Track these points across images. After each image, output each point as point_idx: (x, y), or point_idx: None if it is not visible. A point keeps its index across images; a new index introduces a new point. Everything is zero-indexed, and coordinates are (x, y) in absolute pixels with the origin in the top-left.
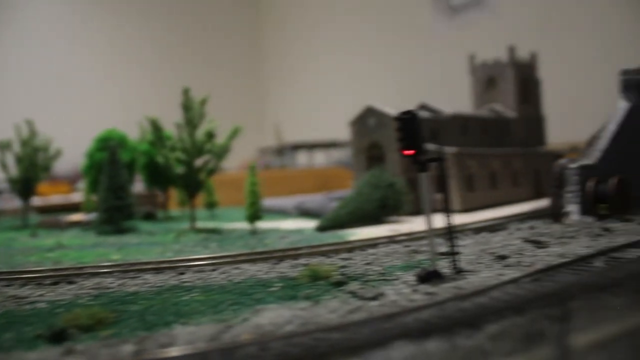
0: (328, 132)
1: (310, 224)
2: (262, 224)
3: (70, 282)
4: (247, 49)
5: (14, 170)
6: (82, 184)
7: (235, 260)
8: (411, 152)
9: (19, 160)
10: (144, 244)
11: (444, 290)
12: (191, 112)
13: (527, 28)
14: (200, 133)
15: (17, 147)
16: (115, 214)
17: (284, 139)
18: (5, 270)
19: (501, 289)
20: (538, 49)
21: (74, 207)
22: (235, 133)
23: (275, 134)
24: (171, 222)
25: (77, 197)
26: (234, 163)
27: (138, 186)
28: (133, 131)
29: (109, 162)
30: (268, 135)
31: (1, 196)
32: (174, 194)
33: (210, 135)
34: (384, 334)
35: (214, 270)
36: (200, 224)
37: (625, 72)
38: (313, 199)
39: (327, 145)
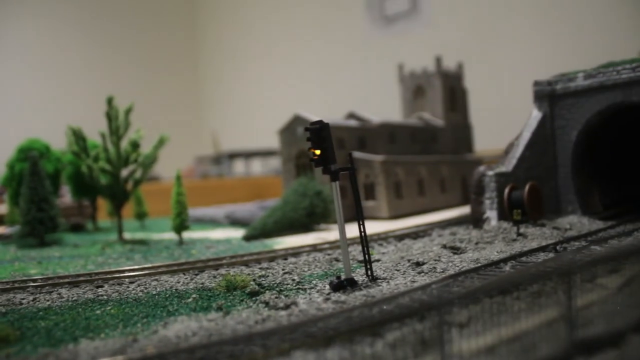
0: (265, 141)
1: (239, 233)
2: (192, 234)
3: None
4: (183, 57)
5: None
6: (4, 196)
7: (156, 272)
8: (321, 161)
9: None
10: (66, 257)
11: (354, 298)
12: (116, 122)
13: (456, 39)
14: (125, 143)
15: None
16: (38, 227)
17: (221, 147)
18: None
19: (410, 295)
20: (467, 59)
21: None
22: (161, 142)
23: (213, 143)
24: (99, 233)
25: (1, 209)
26: (170, 172)
27: (66, 197)
28: (60, 140)
29: (31, 173)
30: (205, 144)
31: None
32: (104, 205)
33: (135, 145)
34: (286, 344)
35: (132, 282)
36: (128, 235)
37: (537, 83)
38: (243, 208)
39: (263, 153)
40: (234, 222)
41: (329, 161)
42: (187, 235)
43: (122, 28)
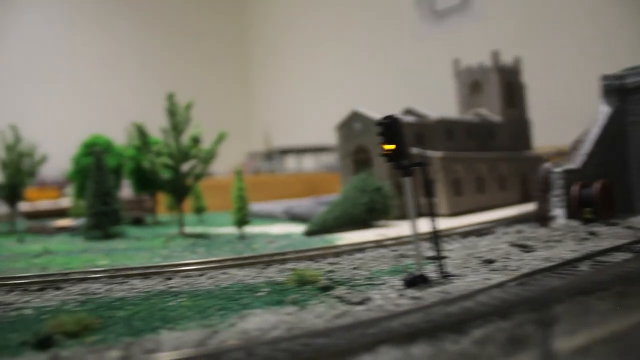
0: (316, 137)
1: (298, 228)
2: (251, 229)
3: (57, 288)
4: (235, 53)
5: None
6: (70, 189)
7: (223, 265)
8: (393, 157)
9: (4, 166)
10: (131, 250)
11: (430, 294)
12: (176, 117)
13: (512, 33)
14: (185, 138)
15: (2, 153)
16: (103, 220)
17: (273, 143)
18: None
19: (487, 293)
20: (523, 53)
21: (61, 213)
22: (221, 138)
23: (264, 139)
24: (160, 227)
25: (65, 202)
26: (223, 168)
27: (126, 191)
28: (121, 136)
29: (95, 168)
30: (257, 140)
31: None
32: (163, 199)
33: (195, 141)
34: (369, 339)
35: (201, 275)
36: (188, 229)
37: (606, 78)
38: (301, 204)
39: (315, 149)
40: (293, 217)
41: (401, 156)
42: (246, 230)
43: (178, 29)
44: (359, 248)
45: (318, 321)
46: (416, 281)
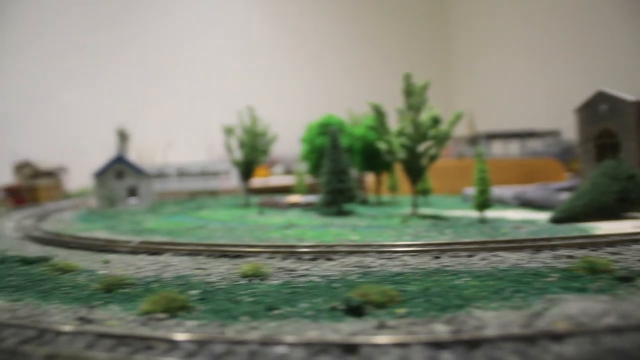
0: (519, 122)
1: (536, 215)
2: (486, 213)
3: (328, 259)
4: (437, 38)
5: (237, 153)
6: (278, 168)
7: (488, 247)
8: None
9: (242, 144)
10: (373, 227)
11: None
12: (414, 98)
13: None
14: (424, 118)
15: (239, 132)
16: (338, 197)
17: (476, 128)
18: (260, 244)
19: None
20: None
21: (285, 190)
22: (457, 119)
23: (468, 123)
24: (384, 207)
25: (288, 179)
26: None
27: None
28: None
29: (331, 147)
30: (460, 125)
31: (221, 176)
32: (385, 180)
33: (436, 121)
34: None
35: (470, 256)
36: (418, 210)
37: None
38: (535, 190)
39: (523, 134)
40: (524, 203)
41: None
42: (484, 214)
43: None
44: (634, 239)
45: None
46: None
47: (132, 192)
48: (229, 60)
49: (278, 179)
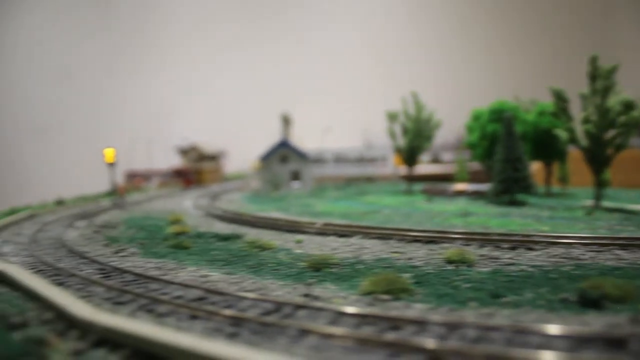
0: None
1: None
2: None
3: (529, 249)
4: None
5: (400, 139)
6: (424, 157)
7: None
8: None
9: (406, 131)
10: (557, 218)
11: None
12: (600, 82)
13: None
14: (612, 103)
15: (402, 118)
16: (512, 186)
17: None
18: (450, 230)
19: None
20: None
21: (441, 178)
22: None
23: None
24: (557, 198)
25: (447, 168)
26: None
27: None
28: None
29: (505, 133)
30: None
31: (378, 162)
32: (555, 170)
33: (629, 107)
34: None
35: None
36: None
37: None
38: None
39: None
40: None
41: None
42: None
43: None
44: None
45: None
46: None
47: (295, 176)
48: (386, 48)
49: (425, 167)
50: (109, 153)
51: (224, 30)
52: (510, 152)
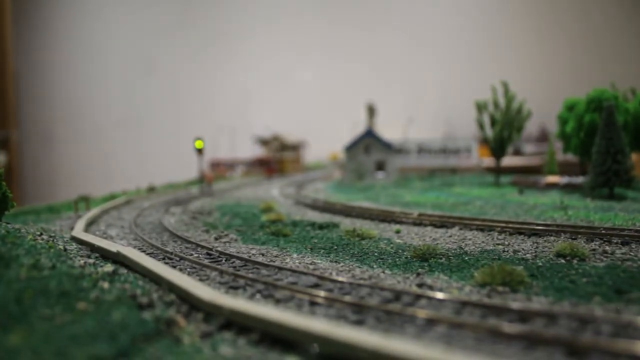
0: None
1: None
2: None
3: None
4: None
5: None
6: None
7: None
8: None
9: (494, 121)
10: None
11: None
12: None
13: None
14: None
15: (491, 108)
16: (612, 178)
17: None
18: (553, 223)
19: None
20: None
21: (525, 170)
22: None
23: None
24: None
25: (530, 160)
26: None
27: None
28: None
29: (605, 124)
30: None
31: (462, 154)
32: None
33: None
34: None
35: None
36: None
37: None
38: None
39: None
40: None
41: None
42: None
43: None
44: None
45: None
46: None
47: (380, 166)
48: (461, 37)
49: (509, 160)
50: (199, 143)
51: (306, 19)
52: (610, 144)
